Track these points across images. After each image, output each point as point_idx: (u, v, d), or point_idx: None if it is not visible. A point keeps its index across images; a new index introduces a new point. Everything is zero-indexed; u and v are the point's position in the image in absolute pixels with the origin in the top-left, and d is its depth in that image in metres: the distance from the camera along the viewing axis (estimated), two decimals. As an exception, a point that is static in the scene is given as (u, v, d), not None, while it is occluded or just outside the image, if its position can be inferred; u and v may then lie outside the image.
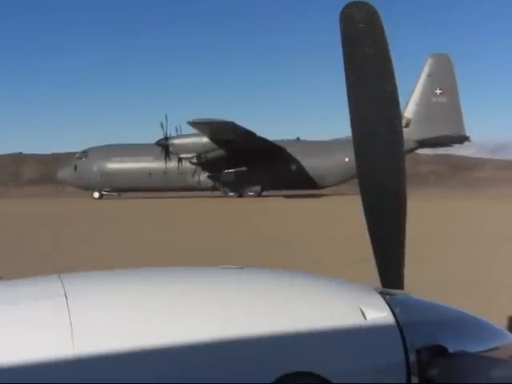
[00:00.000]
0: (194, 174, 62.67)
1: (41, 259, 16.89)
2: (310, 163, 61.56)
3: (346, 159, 55.40)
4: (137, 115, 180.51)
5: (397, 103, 2.67)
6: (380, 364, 2.14)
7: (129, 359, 1.86)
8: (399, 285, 2.61)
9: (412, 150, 59.92)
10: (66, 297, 1.97)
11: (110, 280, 2.26)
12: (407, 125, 58.20)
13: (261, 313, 2.10)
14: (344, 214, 27.55)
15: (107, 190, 64.48)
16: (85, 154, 65.59)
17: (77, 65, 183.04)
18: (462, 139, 64.43)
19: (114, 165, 63.27)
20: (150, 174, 62.14)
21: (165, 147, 60.79)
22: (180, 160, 61.04)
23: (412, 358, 2.16)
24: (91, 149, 65.81)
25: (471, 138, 65.47)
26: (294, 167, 62.09)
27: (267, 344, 2.02)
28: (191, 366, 1.91)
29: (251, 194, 61.33)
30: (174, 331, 1.95)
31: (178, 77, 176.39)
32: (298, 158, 62.12)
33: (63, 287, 2.04)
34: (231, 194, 61.87)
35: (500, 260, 16.73)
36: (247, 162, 60.78)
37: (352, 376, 2.08)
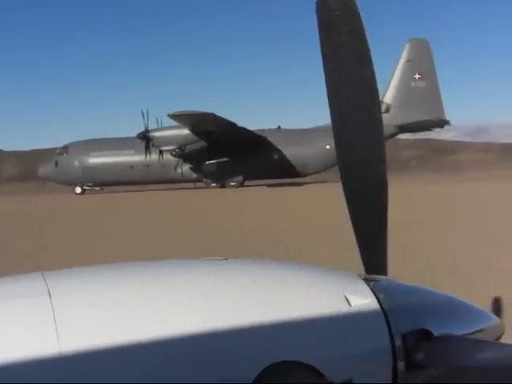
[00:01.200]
0: (175, 167, 62.56)
1: (22, 258, 16.81)
2: (292, 152, 61.61)
3: (327, 147, 55.44)
4: (117, 109, 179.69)
5: (375, 89, 2.67)
6: (366, 350, 2.15)
7: (114, 355, 1.86)
8: (383, 271, 2.63)
9: (392, 136, 60.10)
10: (50, 294, 1.96)
11: (93, 276, 2.25)
12: (387, 110, 58.38)
13: (245, 303, 2.10)
14: (326, 202, 27.62)
15: (89, 184, 64.24)
16: (65, 149, 65.27)
17: (56, 59, 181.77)
18: (442, 123, 64.71)
19: (95, 159, 63.04)
20: (132, 167, 61.96)
21: (146, 140, 60.62)
22: (161, 152, 60.91)
23: (398, 342, 2.17)
24: (72, 144, 65.48)
25: (451, 122, 65.87)
26: (275, 156, 62.11)
27: (252, 334, 2.02)
28: (177, 360, 1.91)
29: (233, 184, 61.33)
30: (159, 325, 1.95)
31: (158, 70, 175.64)
32: (280, 147, 62.13)
33: (46, 285, 2.02)
34: (213, 184, 61.84)
35: (481, 242, 16.84)
36: (229, 153, 60.76)
37: (338, 363, 2.09)
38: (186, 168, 62.77)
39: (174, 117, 56.72)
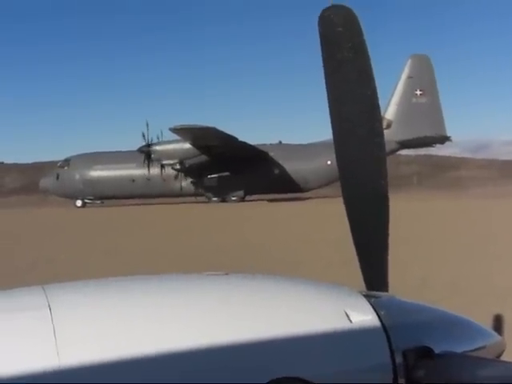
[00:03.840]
0: (176, 181, 62.54)
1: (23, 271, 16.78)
2: (293, 167, 61.62)
3: (329, 162, 55.50)
4: (119, 122, 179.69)
5: (377, 106, 2.67)
6: (367, 367, 2.15)
7: (113, 369, 1.85)
8: (384, 287, 2.62)
9: (393, 152, 60.09)
10: (50, 308, 1.95)
11: (93, 290, 2.24)
12: (388, 126, 58.40)
13: (246, 318, 2.10)
14: (328, 217, 27.59)
15: (90, 198, 64.22)
16: (66, 162, 65.32)
17: (57, 72, 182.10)
18: (443, 139, 64.74)
19: (96, 172, 63.07)
20: (133, 180, 61.98)
21: (147, 154, 60.68)
22: (162, 166, 60.95)
23: (398, 359, 2.16)
24: (73, 157, 65.53)
25: (453, 138, 65.89)
26: (276, 171, 62.12)
27: (253, 349, 2.01)
28: (177, 375, 1.90)
29: (234, 198, 61.31)
30: (159, 340, 1.94)
31: (160, 83, 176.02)
32: (281, 162, 62.16)
33: (47, 298, 2.02)
34: (214, 199, 61.81)
35: (483, 259, 16.81)
36: (230, 167, 60.79)
37: (339, 379, 2.08)
38: (187, 182, 62.76)
39: (175, 131, 56.81)
